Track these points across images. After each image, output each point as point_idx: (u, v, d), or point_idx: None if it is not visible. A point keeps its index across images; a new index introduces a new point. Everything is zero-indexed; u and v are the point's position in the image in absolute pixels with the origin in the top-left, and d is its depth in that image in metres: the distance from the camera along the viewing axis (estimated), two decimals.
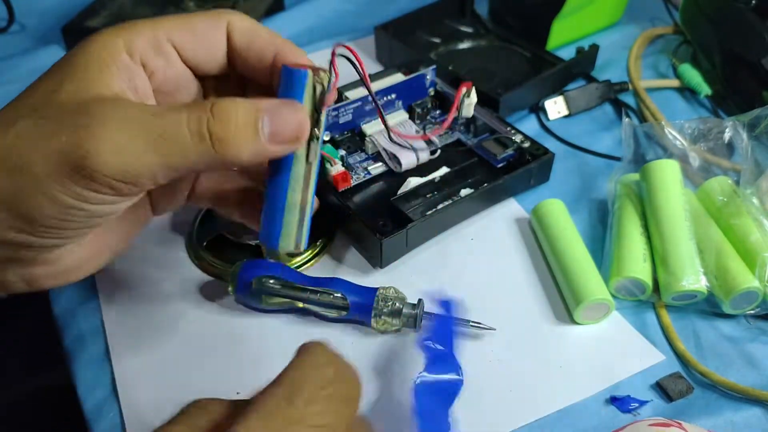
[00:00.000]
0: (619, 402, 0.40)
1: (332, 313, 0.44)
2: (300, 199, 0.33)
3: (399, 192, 0.51)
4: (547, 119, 0.63)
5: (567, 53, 0.68)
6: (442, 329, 0.40)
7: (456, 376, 0.38)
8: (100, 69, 0.29)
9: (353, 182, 0.52)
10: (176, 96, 0.34)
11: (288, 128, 0.30)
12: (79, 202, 0.28)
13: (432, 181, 0.52)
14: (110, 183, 0.28)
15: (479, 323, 0.43)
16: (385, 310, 0.43)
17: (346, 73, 0.60)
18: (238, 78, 0.35)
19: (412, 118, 0.56)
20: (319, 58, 0.72)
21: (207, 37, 0.33)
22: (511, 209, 0.54)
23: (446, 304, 0.42)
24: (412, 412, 0.36)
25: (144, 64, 0.31)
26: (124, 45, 0.30)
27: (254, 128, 0.29)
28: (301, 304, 0.44)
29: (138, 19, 0.32)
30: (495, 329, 0.43)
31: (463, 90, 0.53)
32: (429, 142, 0.54)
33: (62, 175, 0.27)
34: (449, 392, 0.38)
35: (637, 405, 0.40)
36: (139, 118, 0.28)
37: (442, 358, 0.39)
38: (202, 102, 0.29)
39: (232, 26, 0.33)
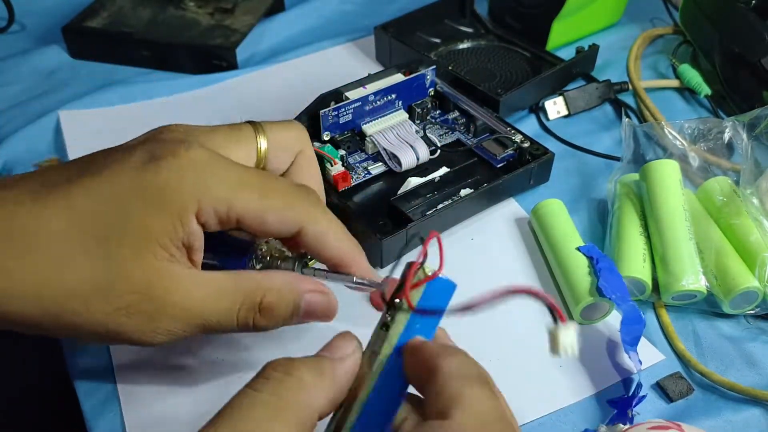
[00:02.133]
0: (616, 404, 0.40)
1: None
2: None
3: (399, 192, 0.51)
4: (547, 119, 0.63)
5: (567, 53, 0.68)
6: None
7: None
8: (164, 224, 0.31)
9: (353, 182, 0.52)
10: None
11: (320, 315, 0.35)
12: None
13: (432, 181, 0.52)
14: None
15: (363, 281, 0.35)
16: (257, 267, 0.37)
17: (345, 74, 0.60)
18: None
19: (412, 118, 0.56)
20: (320, 58, 0.72)
21: (271, 230, 0.33)
22: (510, 209, 0.54)
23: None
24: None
25: (204, 226, 0.32)
26: (197, 205, 0.31)
27: (292, 315, 0.34)
28: None
29: (217, 163, 0.32)
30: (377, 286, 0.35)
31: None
32: (429, 141, 0.54)
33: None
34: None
35: (636, 402, 0.40)
36: (193, 309, 0.32)
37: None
38: (253, 290, 0.33)
39: (304, 230, 0.34)
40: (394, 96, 0.55)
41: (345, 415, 0.28)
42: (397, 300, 0.29)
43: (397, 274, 0.30)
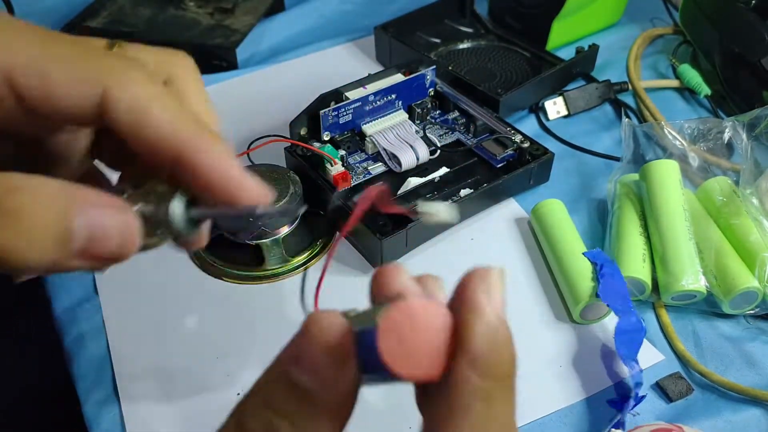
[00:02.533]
0: (616, 403, 0.40)
1: None
2: None
3: (399, 192, 0.51)
4: (547, 119, 0.63)
5: (567, 53, 0.68)
6: None
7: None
8: None
9: (353, 182, 0.52)
10: None
11: (107, 244, 0.20)
12: None
13: (432, 181, 0.52)
14: None
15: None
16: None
17: (345, 74, 0.60)
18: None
19: (412, 118, 0.56)
20: (320, 58, 0.72)
21: (61, 97, 0.21)
22: (510, 209, 0.54)
23: None
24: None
25: None
26: None
27: (59, 239, 0.19)
28: None
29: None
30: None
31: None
32: (429, 141, 0.54)
33: None
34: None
35: (634, 403, 0.40)
36: None
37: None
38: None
39: (110, 98, 0.21)
40: (394, 96, 0.55)
41: None
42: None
43: None
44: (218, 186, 0.22)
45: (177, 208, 0.22)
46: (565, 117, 0.63)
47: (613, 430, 0.38)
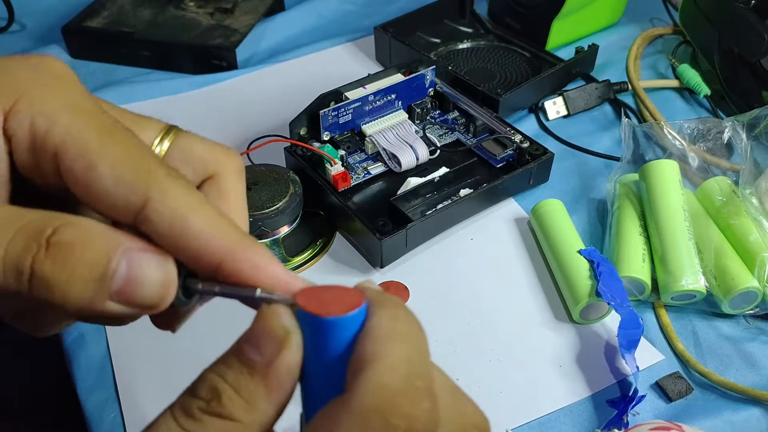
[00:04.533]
0: (616, 404, 0.40)
1: None
2: None
3: (399, 192, 0.51)
4: (547, 119, 0.63)
5: (567, 53, 0.68)
6: None
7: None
8: None
9: (353, 182, 0.52)
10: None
11: (147, 289, 0.20)
12: None
13: (432, 181, 0.52)
14: None
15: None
16: None
17: (345, 74, 0.60)
18: None
19: (411, 118, 0.56)
20: (320, 58, 0.72)
21: (102, 196, 0.21)
22: (510, 209, 0.54)
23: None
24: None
25: (11, 144, 0.21)
26: (9, 106, 0.21)
27: (100, 277, 0.19)
28: None
29: (61, 79, 0.22)
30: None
31: None
32: (429, 141, 0.54)
33: None
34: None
35: (633, 403, 0.40)
36: None
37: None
38: (44, 217, 0.20)
39: (152, 207, 0.21)
40: (393, 96, 0.55)
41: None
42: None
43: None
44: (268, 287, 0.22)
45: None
46: (564, 117, 0.63)
47: (615, 430, 0.38)
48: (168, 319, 0.25)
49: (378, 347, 0.19)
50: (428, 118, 0.58)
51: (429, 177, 0.52)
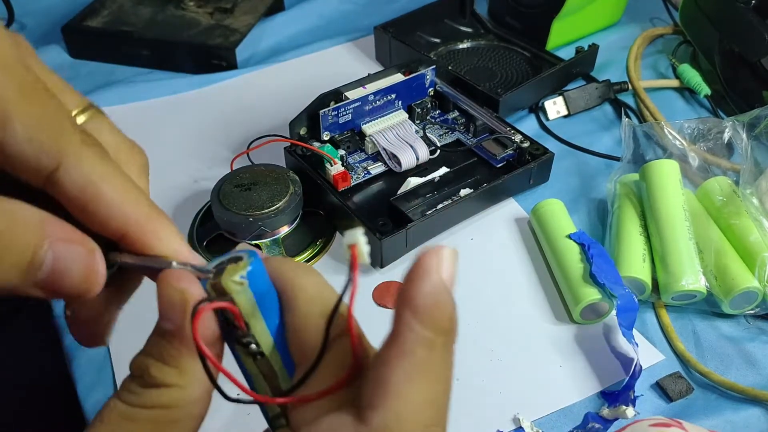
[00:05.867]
0: (612, 398, 0.40)
1: None
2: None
3: (399, 192, 0.51)
4: (547, 119, 0.63)
5: (567, 53, 0.68)
6: None
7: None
8: None
9: (353, 182, 0.52)
10: None
11: (72, 279, 0.20)
12: None
13: (432, 181, 0.52)
14: None
15: None
16: None
17: (345, 74, 0.60)
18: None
19: (411, 118, 0.56)
20: (320, 58, 0.72)
21: (14, 156, 0.20)
22: (510, 209, 0.54)
23: None
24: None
25: None
26: None
27: (26, 264, 0.19)
28: None
29: None
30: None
31: None
32: (429, 141, 0.54)
33: None
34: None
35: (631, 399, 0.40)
36: None
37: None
38: None
39: (63, 171, 0.21)
40: (393, 96, 0.55)
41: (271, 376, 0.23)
42: None
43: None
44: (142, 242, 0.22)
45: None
46: (565, 117, 0.63)
47: (622, 406, 0.38)
48: (94, 329, 0.25)
49: (406, 381, 0.20)
50: (428, 117, 0.58)
51: (429, 177, 0.52)
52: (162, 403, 0.21)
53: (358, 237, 0.21)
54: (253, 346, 0.23)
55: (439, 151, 0.55)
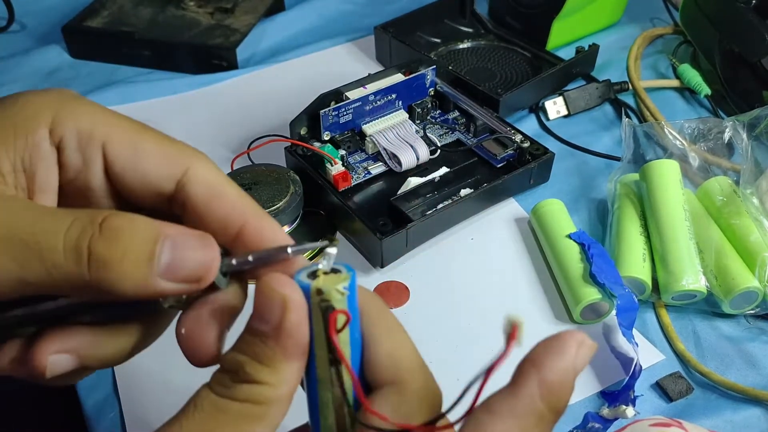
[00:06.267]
0: (612, 397, 0.40)
1: None
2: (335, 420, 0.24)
3: (399, 192, 0.51)
4: (547, 119, 0.63)
5: (567, 53, 0.68)
6: None
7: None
8: (2, 135, 0.24)
9: (353, 182, 0.52)
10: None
11: (191, 264, 0.23)
12: None
13: (432, 181, 0.52)
14: None
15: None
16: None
17: (345, 74, 0.60)
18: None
19: (412, 118, 0.56)
20: (320, 58, 0.72)
21: (150, 167, 0.25)
22: (510, 209, 0.54)
23: None
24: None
25: (60, 151, 0.25)
26: (51, 119, 0.24)
27: (149, 254, 0.22)
28: None
29: (84, 99, 0.26)
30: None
31: None
32: (429, 141, 0.54)
33: None
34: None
35: (636, 378, 0.40)
36: (8, 208, 0.22)
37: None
38: (95, 211, 0.23)
39: (192, 174, 0.25)
40: (394, 96, 0.55)
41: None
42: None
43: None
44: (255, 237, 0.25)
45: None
46: (565, 117, 0.63)
47: (622, 406, 0.38)
48: (204, 346, 0.26)
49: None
50: (428, 117, 0.58)
51: (429, 177, 0.52)
52: (253, 398, 0.23)
53: (521, 320, 0.23)
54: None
55: (439, 151, 0.55)
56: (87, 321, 0.25)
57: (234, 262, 0.24)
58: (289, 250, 0.24)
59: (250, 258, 0.24)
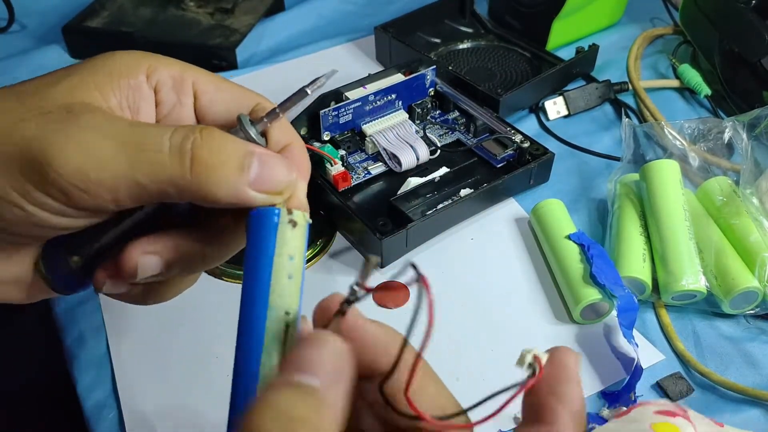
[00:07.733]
0: (612, 398, 0.40)
1: None
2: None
3: (399, 192, 0.51)
4: (547, 119, 0.63)
5: (567, 53, 0.68)
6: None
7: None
8: (107, 79, 0.29)
9: (353, 182, 0.52)
10: None
11: (275, 177, 0.27)
12: (27, 204, 0.25)
13: (432, 181, 0.52)
14: (63, 186, 0.24)
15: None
16: None
17: (345, 74, 0.60)
18: None
19: (412, 118, 0.56)
20: (320, 58, 0.72)
21: (229, 100, 0.31)
22: (510, 209, 0.54)
23: None
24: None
25: (157, 91, 0.30)
26: (147, 67, 0.30)
27: (241, 164, 0.26)
28: None
29: (167, 57, 0.32)
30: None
31: None
32: (429, 141, 0.54)
33: (16, 169, 0.25)
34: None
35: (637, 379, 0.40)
36: (117, 125, 0.26)
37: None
38: (193, 125, 0.27)
39: (260, 107, 0.31)
40: (394, 96, 0.55)
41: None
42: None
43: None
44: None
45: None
46: (565, 117, 0.63)
47: (622, 408, 0.38)
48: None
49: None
50: (428, 118, 0.58)
51: (429, 177, 0.52)
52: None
53: (543, 355, 0.25)
54: None
55: (439, 151, 0.55)
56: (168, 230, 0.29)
57: (266, 119, 0.29)
58: (308, 90, 0.29)
59: (277, 110, 0.29)
